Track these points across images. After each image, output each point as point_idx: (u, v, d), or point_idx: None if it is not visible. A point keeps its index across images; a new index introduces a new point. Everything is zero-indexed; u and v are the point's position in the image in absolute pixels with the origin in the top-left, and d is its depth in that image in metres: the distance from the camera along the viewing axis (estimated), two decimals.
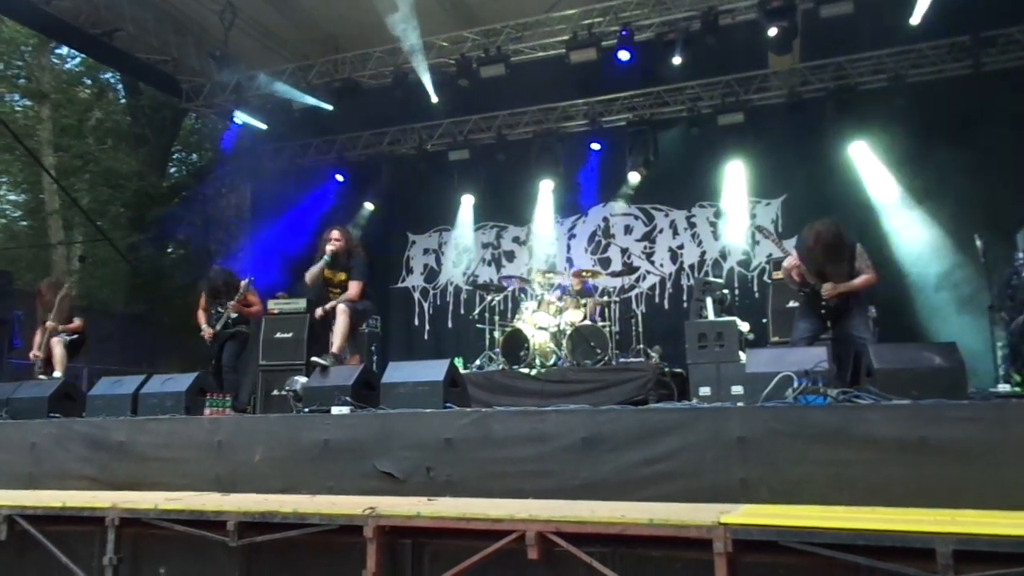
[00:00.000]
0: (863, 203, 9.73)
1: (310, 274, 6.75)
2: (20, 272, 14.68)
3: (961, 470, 3.46)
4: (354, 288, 6.58)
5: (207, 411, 5.69)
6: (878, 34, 9.33)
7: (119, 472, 5.21)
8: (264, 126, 11.23)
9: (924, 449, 3.53)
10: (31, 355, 7.79)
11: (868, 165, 9.82)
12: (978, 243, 6.49)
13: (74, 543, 4.47)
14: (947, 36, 9.41)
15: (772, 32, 8.61)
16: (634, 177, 10.91)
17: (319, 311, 6.81)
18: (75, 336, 7.79)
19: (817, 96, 10.12)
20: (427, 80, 10.16)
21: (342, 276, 6.68)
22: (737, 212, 10.73)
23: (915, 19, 8.56)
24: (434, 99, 10.41)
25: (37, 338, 7.79)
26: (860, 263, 5.62)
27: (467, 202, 12.04)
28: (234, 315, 7.43)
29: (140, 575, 4.36)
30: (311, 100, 10.76)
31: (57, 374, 7.42)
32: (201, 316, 7.56)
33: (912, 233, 9.21)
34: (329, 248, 6.61)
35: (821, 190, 9.87)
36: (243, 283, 7.49)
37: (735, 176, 10.62)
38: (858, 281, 5.58)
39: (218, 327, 7.38)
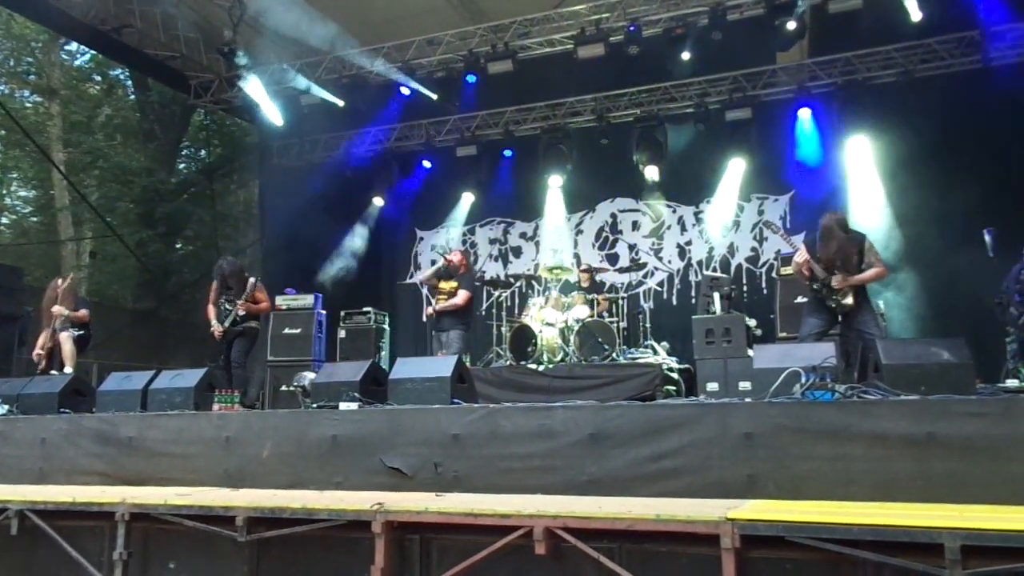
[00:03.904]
0: (872, 198, 9.68)
1: (423, 275, 8.19)
2: (30, 268, 14.79)
3: (969, 465, 3.46)
4: (462, 296, 7.59)
5: (216, 407, 5.72)
6: (887, 29, 9.27)
7: (128, 467, 5.25)
8: (280, 121, 11.22)
9: (932, 444, 3.52)
10: (34, 354, 7.80)
11: (875, 160, 9.77)
12: (987, 237, 6.46)
13: (84, 538, 4.51)
14: (955, 31, 9.36)
15: (791, 26, 8.58)
16: (651, 172, 10.87)
17: (429, 309, 7.93)
18: (81, 332, 7.80)
19: (826, 91, 10.08)
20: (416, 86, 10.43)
21: (453, 284, 7.61)
22: (745, 208, 10.71)
23: (914, 16, 8.52)
24: (433, 97, 10.46)
25: (41, 338, 7.80)
26: (870, 257, 5.63)
27: (466, 200, 12.07)
28: (242, 312, 7.44)
29: (149, 570, 4.39)
30: (327, 95, 10.72)
31: (68, 370, 7.45)
32: (211, 311, 7.56)
33: (920, 227, 9.16)
34: (447, 259, 7.77)
35: (830, 186, 9.83)
36: (250, 282, 7.51)
37: (743, 172, 10.58)
38: (868, 274, 5.58)
39: (227, 323, 7.40)
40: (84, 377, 7.80)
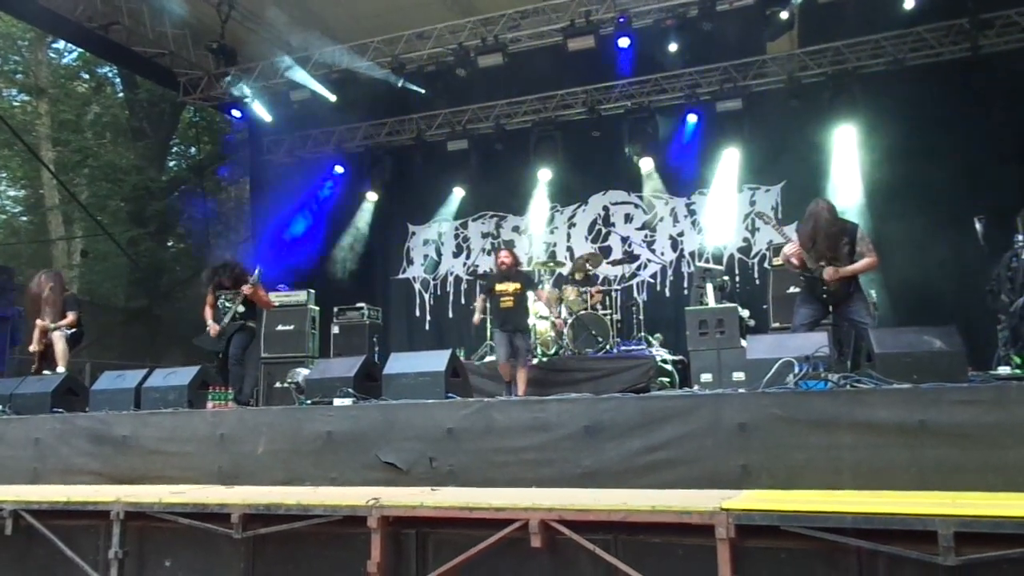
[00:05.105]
0: (863, 187, 9.70)
1: (478, 306, 8.21)
2: (21, 268, 14.69)
3: (962, 453, 3.47)
4: (542, 295, 8.07)
5: (209, 404, 5.71)
6: (876, 18, 9.29)
7: (123, 466, 5.23)
8: (269, 118, 11.19)
9: (924, 432, 3.54)
10: (29, 349, 7.74)
11: (866, 149, 9.79)
12: (977, 226, 6.47)
13: (79, 537, 4.49)
14: (945, 19, 9.37)
15: (783, 15, 8.60)
16: (643, 164, 10.89)
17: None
18: (73, 330, 7.74)
19: (816, 81, 10.09)
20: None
21: (516, 286, 7.66)
22: (737, 199, 10.71)
23: (907, 3, 8.55)
24: (422, 91, 10.44)
25: (36, 333, 7.75)
26: (861, 247, 5.63)
27: (457, 194, 12.06)
28: (241, 308, 7.34)
29: (145, 568, 4.38)
30: (319, 86, 10.64)
31: (60, 369, 7.40)
32: (208, 312, 7.47)
33: (911, 216, 9.18)
34: (501, 262, 7.82)
35: (821, 176, 9.85)
36: (252, 276, 7.41)
37: (734, 163, 10.59)
38: (859, 264, 5.59)
39: (226, 320, 7.30)
40: (77, 376, 7.77)
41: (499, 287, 7.69)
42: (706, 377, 7.71)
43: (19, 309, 9.14)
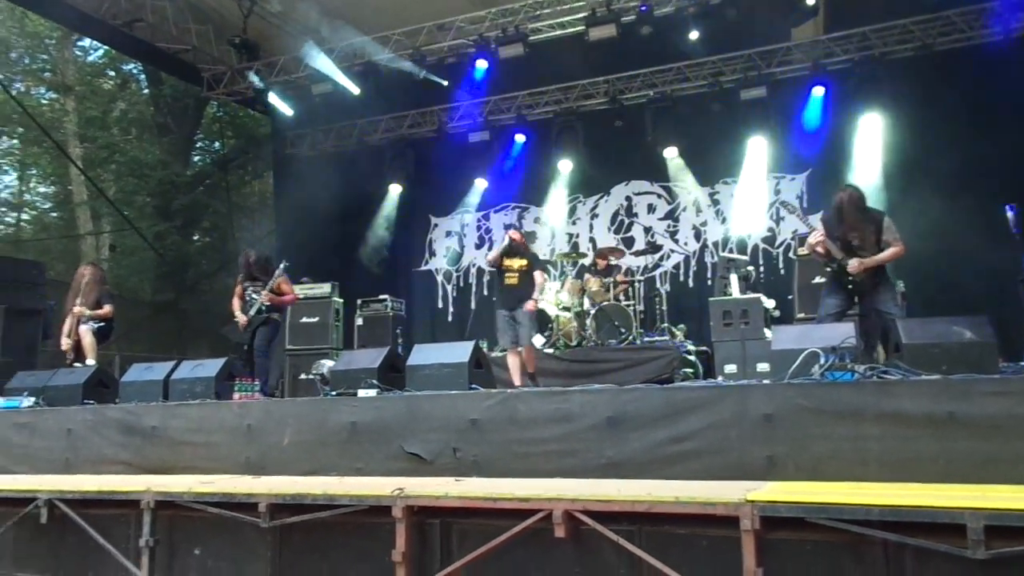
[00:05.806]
0: (890, 175, 9.56)
1: (492, 255, 7.74)
2: (51, 263, 14.95)
3: (991, 445, 3.41)
4: (539, 277, 7.57)
5: (236, 396, 5.78)
6: (904, 2, 9.13)
7: (152, 456, 5.31)
8: (290, 111, 11.27)
9: (954, 424, 3.48)
10: (62, 342, 7.85)
11: (893, 136, 9.63)
12: (1008, 214, 6.35)
13: (111, 526, 4.59)
14: (975, 2, 9.18)
15: (809, 1, 8.49)
16: (669, 153, 10.82)
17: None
18: (102, 324, 7.85)
19: (842, 68, 9.94)
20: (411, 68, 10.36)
21: (523, 262, 7.45)
22: (761, 188, 10.60)
23: None
24: (444, 83, 10.45)
25: (66, 326, 7.86)
26: (888, 236, 5.55)
27: (479, 185, 12.04)
28: (267, 302, 7.42)
29: (176, 556, 4.47)
30: (344, 78, 10.65)
31: (90, 362, 7.51)
32: (236, 303, 7.55)
33: (940, 205, 9.03)
34: (512, 236, 7.55)
35: (847, 164, 9.71)
36: (277, 270, 7.47)
37: (758, 152, 10.47)
38: (885, 254, 5.51)
39: (251, 313, 7.37)
40: (107, 369, 7.88)
41: (506, 262, 7.47)
42: (730, 368, 7.66)
43: (51, 303, 9.27)
